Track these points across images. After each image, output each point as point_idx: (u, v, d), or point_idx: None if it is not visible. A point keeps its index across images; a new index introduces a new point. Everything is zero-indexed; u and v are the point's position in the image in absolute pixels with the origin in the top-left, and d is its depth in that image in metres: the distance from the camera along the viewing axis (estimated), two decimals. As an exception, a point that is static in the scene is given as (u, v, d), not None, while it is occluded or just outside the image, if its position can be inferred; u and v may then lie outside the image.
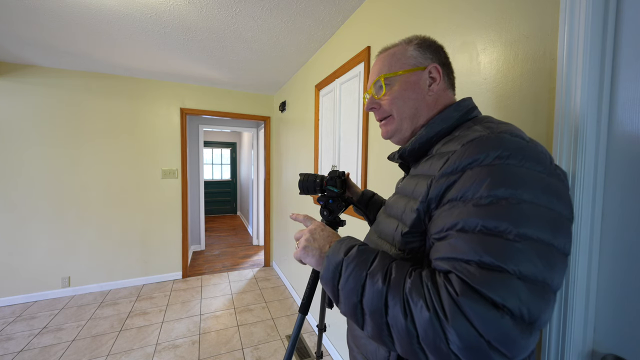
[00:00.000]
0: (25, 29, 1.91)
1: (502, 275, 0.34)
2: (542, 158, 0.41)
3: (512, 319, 0.33)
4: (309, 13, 1.67)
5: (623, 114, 0.57)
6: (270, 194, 3.69)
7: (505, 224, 0.36)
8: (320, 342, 1.24)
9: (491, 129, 0.45)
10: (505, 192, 0.37)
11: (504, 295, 0.34)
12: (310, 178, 0.97)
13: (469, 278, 0.35)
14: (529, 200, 0.37)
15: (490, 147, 0.41)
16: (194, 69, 2.68)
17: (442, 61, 0.59)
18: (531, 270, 0.35)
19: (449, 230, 0.40)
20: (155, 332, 2.22)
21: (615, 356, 0.57)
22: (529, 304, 0.34)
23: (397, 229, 0.51)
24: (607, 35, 0.59)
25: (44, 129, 2.67)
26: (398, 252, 0.51)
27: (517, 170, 0.39)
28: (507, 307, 0.33)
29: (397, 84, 0.58)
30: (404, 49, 0.59)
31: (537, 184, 0.38)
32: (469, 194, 0.40)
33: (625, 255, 0.57)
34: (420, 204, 0.47)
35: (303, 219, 0.63)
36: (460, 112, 0.54)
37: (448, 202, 0.42)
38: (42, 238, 2.71)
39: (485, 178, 0.39)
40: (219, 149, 7.17)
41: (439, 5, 1.05)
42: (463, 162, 0.42)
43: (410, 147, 0.56)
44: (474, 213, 0.38)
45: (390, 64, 0.59)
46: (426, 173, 0.49)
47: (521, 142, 0.42)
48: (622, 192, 0.57)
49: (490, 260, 0.35)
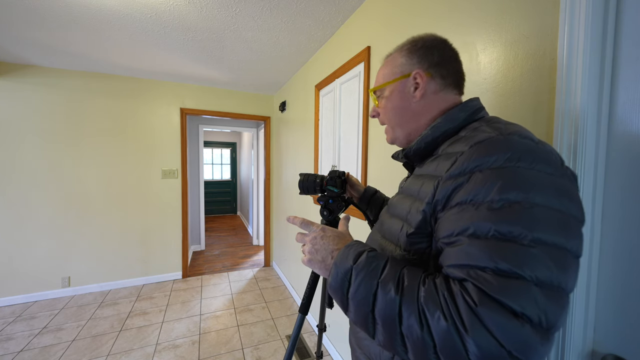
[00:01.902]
0: (25, 29, 1.91)
1: (519, 282, 0.34)
2: (553, 159, 0.40)
3: (532, 327, 0.33)
4: (309, 13, 1.67)
5: (623, 113, 0.57)
6: (270, 194, 3.69)
7: (519, 229, 0.36)
8: (320, 342, 1.24)
9: (500, 130, 0.44)
10: (518, 196, 0.37)
11: (523, 303, 0.33)
12: (310, 178, 0.97)
13: (486, 286, 0.35)
14: (542, 203, 0.37)
15: (499, 150, 0.40)
16: (194, 69, 2.68)
17: (434, 62, 0.56)
18: (547, 276, 0.34)
19: (459, 235, 0.40)
20: (155, 332, 2.22)
21: (615, 356, 0.57)
22: (546, 310, 0.34)
23: (402, 229, 0.51)
24: (607, 35, 0.59)
25: (44, 129, 2.67)
26: (403, 252, 0.50)
27: (529, 173, 0.38)
28: (526, 315, 0.33)
29: (386, 94, 0.61)
30: (395, 57, 0.61)
31: (549, 186, 0.38)
32: (480, 197, 0.39)
33: (625, 255, 0.57)
34: (427, 205, 0.46)
35: (300, 223, 0.61)
36: (467, 113, 0.53)
37: (457, 205, 0.41)
38: (42, 238, 2.71)
39: (496, 181, 0.38)
40: (219, 149, 7.17)
41: (439, 4, 1.05)
42: (471, 164, 0.41)
43: (415, 146, 0.56)
44: (485, 217, 0.38)
45: (384, 74, 0.62)
46: (432, 173, 0.49)
47: (531, 143, 0.41)
48: (622, 192, 0.57)
49: (506, 267, 0.35)
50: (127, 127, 2.96)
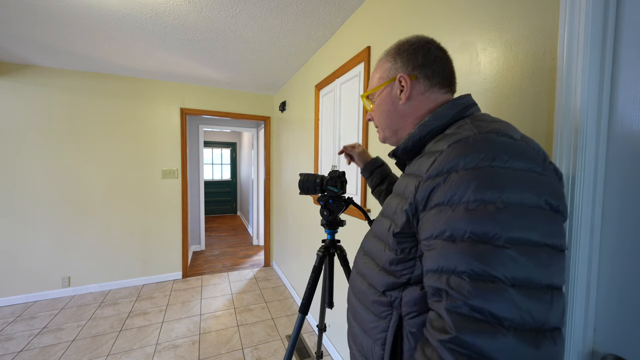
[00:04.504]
0: (25, 29, 1.91)
1: (494, 285, 0.34)
2: (531, 156, 0.40)
3: (516, 334, 0.33)
4: (309, 13, 1.67)
5: (623, 113, 0.57)
6: (270, 194, 3.69)
7: (494, 230, 0.36)
8: (320, 342, 1.24)
9: (479, 128, 0.44)
10: (492, 196, 0.37)
11: (502, 306, 0.33)
12: (311, 178, 0.97)
13: (463, 294, 0.35)
14: (517, 202, 0.36)
15: (474, 149, 0.40)
16: (194, 69, 2.68)
17: (418, 63, 0.56)
18: (525, 275, 0.34)
19: (437, 237, 0.40)
20: (155, 332, 2.22)
21: (615, 356, 0.57)
22: (529, 309, 0.33)
23: (389, 228, 0.52)
24: (607, 35, 0.59)
25: (44, 129, 2.67)
26: (391, 252, 0.51)
27: (503, 172, 0.38)
28: (507, 318, 0.33)
29: (376, 98, 0.64)
30: (383, 62, 0.62)
31: (525, 184, 0.37)
32: (456, 199, 0.39)
33: (625, 255, 0.57)
34: (409, 205, 0.47)
35: None
36: (456, 110, 0.53)
37: (435, 207, 0.42)
38: (42, 238, 2.71)
39: (471, 182, 0.38)
40: (219, 149, 7.17)
41: (439, 5, 1.05)
42: (448, 164, 0.42)
43: (403, 145, 0.57)
44: (461, 219, 0.38)
45: (374, 79, 0.64)
46: (415, 173, 0.49)
47: (508, 141, 0.41)
48: (622, 192, 0.57)
49: (481, 270, 0.35)
50: (127, 127, 2.96)
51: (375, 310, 0.54)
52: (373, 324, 0.55)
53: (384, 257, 0.53)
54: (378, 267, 0.55)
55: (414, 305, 0.48)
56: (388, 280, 0.52)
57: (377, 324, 0.54)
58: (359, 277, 0.62)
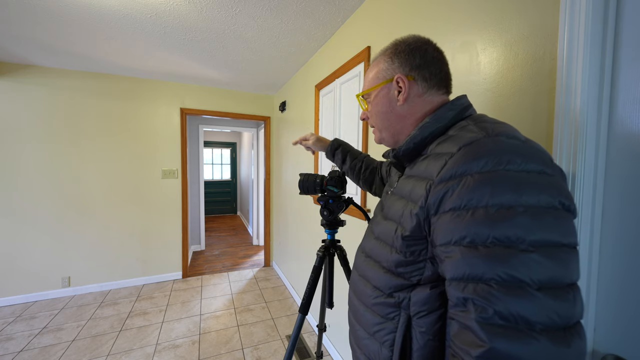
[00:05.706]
0: (25, 29, 1.91)
1: (523, 290, 0.35)
2: (541, 158, 0.40)
3: (549, 336, 0.33)
4: (309, 13, 1.67)
5: (623, 113, 0.57)
6: (270, 194, 3.69)
7: (516, 234, 0.36)
8: (320, 342, 1.24)
9: (487, 131, 0.44)
10: (510, 200, 0.37)
11: (534, 309, 0.34)
12: (311, 178, 0.97)
13: (493, 303, 0.35)
14: (535, 204, 0.37)
15: (488, 153, 0.40)
16: (194, 69, 2.68)
17: (415, 64, 0.56)
18: (550, 277, 0.35)
19: (456, 244, 0.40)
20: (155, 332, 2.22)
21: (615, 356, 0.57)
22: (556, 309, 0.34)
23: (396, 231, 0.51)
24: (607, 35, 0.59)
25: (44, 129, 2.67)
26: (399, 255, 0.50)
27: (519, 175, 0.38)
28: (538, 322, 0.34)
29: (372, 98, 0.63)
30: (378, 62, 0.62)
31: (540, 186, 0.38)
32: (473, 203, 0.39)
33: (625, 255, 0.57)
34: (420, 209, 0.46)
35: None
36: (455, 111, 0.53)
37: (450, 211, 0.41)
38: (42, 238, 2.71)
39: (487, 186, 0.38)
40: (219, 149, 7.17)
41: (439, 5, 1.05)
42: (461, 167, 0.41)
43: (404, 147, 0.56)
44: (481, 224, 0.38)
45: (370, 79, 0.63)
46: (422, 175, 0.49)
47: (518, 143, 0.41)
48: (622, 192, 0.57)
49: (508, 276, 0.35)
50: (127, 127, 2.96)
51: (381, 312, 0.54)
52: (379, 326, 0.54)
53: (390, 260, 0.52)
54: (383, 269, 0.54)
55: (424, 304, 0.48)
56: (396, 282, 0.51)
57: (383, 325, 0.53)
58: (361, 279, 0.61)
